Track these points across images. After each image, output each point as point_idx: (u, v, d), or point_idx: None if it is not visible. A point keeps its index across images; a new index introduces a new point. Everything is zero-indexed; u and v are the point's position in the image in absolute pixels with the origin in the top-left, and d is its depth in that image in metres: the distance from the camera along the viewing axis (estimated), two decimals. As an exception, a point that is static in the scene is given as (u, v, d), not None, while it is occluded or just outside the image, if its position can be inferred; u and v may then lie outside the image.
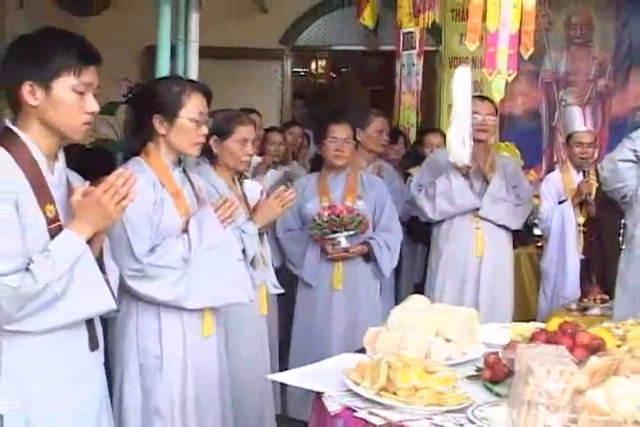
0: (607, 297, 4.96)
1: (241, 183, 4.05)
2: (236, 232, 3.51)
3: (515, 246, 5.67)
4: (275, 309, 4.59)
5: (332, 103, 10.10)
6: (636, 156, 4.25)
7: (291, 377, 2.73)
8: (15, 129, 2.40)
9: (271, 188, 4.78)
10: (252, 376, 3.83)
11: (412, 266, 5.73)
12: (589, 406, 1.97)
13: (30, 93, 2.37)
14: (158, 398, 3.08)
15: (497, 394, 2.36)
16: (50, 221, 2.37)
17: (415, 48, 6.88)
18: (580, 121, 5.92)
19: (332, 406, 2.32)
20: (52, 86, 2.37)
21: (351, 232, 4.59)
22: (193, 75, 4.93)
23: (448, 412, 2.22)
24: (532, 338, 2.55)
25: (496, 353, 2.50)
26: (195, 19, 4.98)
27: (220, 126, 3.79)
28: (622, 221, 4.55)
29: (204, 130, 3.21)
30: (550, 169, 7.20)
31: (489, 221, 4.90)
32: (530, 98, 8.06)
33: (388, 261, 4.77)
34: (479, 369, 2.55)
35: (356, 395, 2.33)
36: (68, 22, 7.52)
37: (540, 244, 6.12)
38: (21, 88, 2.37)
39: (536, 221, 6.03)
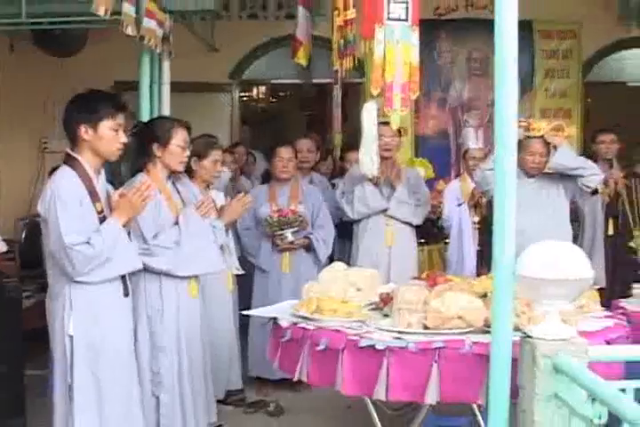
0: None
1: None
2: (209, 228, 4.85)
3: (428, 243, 6.97)
4: (236, 288, 5.79)
5: (273, 127, 11.36)
6: (500, 165, 5.61)
7: (256, 311, 4.13)
8: (75, 155, 3.77)
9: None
10: (224, 328, 5.27)
11: (342, 256, 6.60)
12: (433, 309, 3.38)
13: (84, 132, 3.74)
14: (162, 339, 4.40)
15: (385, 315, 3.74)
16: (99, 213, 3.75)
17: (337, 83, 7.79)
18: (473, 140, 7.24)
19: (284, 323, 3.70)
20: (99, 126, 3.75)
21: (295, 229, 5.92)
22: (166, 108, 6.25)
23: (354, 322, 3.60)
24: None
25: (387, 292, 3.88)
26: (166, 66, 6.27)
27: (199, 150, 5.13)
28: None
29: (187, 153, 4.59)
30: (458, 179, 8.36)
31: (396, 219, 6.12)
32: (439, 120, 9.18)
33: (324, 251, 6.06)
34: (377, 302, 3.91)
35: (298, 316, 3.71)
36: (50, 62, 8.75)
37: (447, 240, 7.04)
38: (79, 128, 3.73)
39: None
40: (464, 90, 9.39)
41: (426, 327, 3.41)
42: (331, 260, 6.42)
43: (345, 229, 6.49)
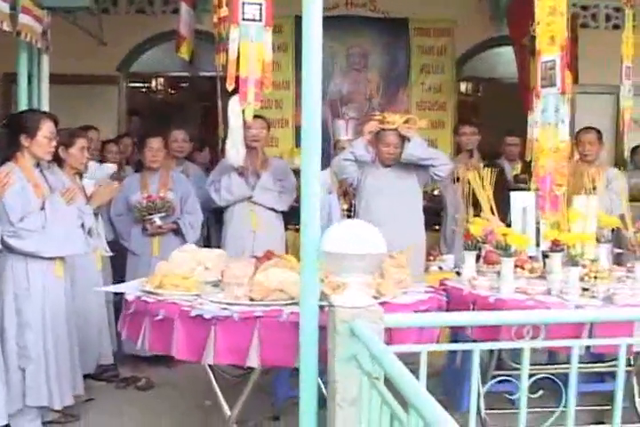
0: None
1: (81, 180, 5.76)
2: (77, 211, 5.20)
3: (299, 230, 7.37)
4: (109, 269, 6.23)
5: (168, 118, 11.64)
6: (354, 156, 6.07)
7: (110, 288, 4.52)
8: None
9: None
10: (92, 306, 5.65)
11: (217, 241, 7.05)
12: (257, 282, 3.79)
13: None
14: (28, 315, 4.77)
15: (223, 289, 4.14)
16: None
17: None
18: (343, 131, 7.68)
19: (130, 297, 4.07)
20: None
21: (163, 214, 6.31)
22: (45, 101, 6.54)
23: (191, 295, 3.99)
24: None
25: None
26: (45, 60, 6.55)
27: (65, 140, 5.45)
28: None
29: (54, 143, 4.94)
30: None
31: (260, 205, 6.53)
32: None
33: (191, 235, 6.42)
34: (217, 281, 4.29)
35: (144, 291, 4.09)
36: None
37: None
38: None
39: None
40: (343, 84, 9.79)
41: (253, 300, 3.81)
42: (208, 245, 6.87)
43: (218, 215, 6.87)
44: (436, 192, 8.17)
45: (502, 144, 8.15)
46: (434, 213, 7.66)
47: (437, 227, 7.79)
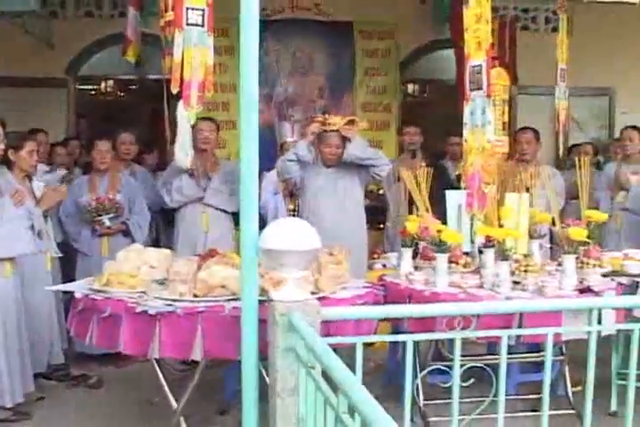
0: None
1: (30, 182, 5.85)
2: (27, 213, 5.31)
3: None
4: (59, 270, 6.29)
5: (117, 120, 11.69)
6: (297, 156, 6.23)
7: (59, 287, 4.66)
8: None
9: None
10: (42, 306, 5.72)
11: (169, 241, 7.13)
12: (200, 279, 3.95)
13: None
14: (-24, 316, 4.89)
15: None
16: None
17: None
18: (289, 133, 7.83)
19: (78, 295, 4.21)
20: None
21: (112, 215, 6.46)
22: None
23: (137, 293, 4.13)
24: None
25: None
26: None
27: (15, 143, 5.51)
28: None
29: (2, 146, 5.05)
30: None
31: (211, 206, 6.62)
32: (266, 115, 9.61)
33: (140, 235, 6.58)
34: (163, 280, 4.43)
35: (91, 289, 4.23)
36: None
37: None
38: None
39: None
40: (289, 86, 9.99)
41: (196, 296, 3.97)
42: (157, 245, 6.95)
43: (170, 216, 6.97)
44: (381, 191, 8.33)
45: (446, 144, 8.37)
46: (379, 213, 7.84)
47: (382, 226, 7.97)
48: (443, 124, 8.72)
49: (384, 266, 6.01)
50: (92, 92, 12.66)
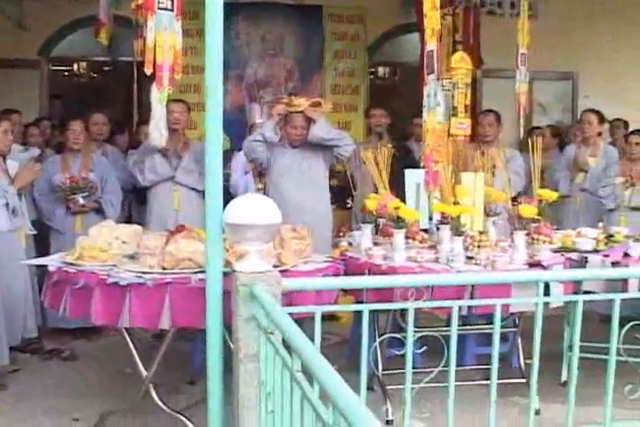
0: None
1: (5, 161, 6.03)
2: (1, 191, 5.50)
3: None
4: (33, 247, 6.49)
5: (91, 101, 11.80)
6: (263, 137, 6.41)
7: (34, 261, 4.85)
8: None
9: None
10: (17, 281, 5.90)
11: (141, 219, 7.22)
12: (168, 252, 4.16)
13: None
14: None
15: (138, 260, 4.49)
16: None
17: (137, 62, 8.27)
18: (258, 115, 8.00)
19: (52, 268, 4.41)
20: None
21: (85, 193, 6.64)
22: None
23: (108, 266, 4.34)
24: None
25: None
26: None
27: (-13, 123, 5.73)
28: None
29: (-23, 127, 5.23)
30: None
31: (182, 185, 6.80)
32: (237, 96, 9.82)
33: (112, 213, 6.76)
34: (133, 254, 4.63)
35: (65, 262, 4.43)
36: None
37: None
38: None
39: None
40: (259, 69, 10.13)
41: (165, 269, 4.18)
42: (129, 223, 7.13)
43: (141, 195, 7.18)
44: (348, 172, 8.53)
45: (411, 126, 8.59)
46: (346, 192, 8.05)
47: (349, 205, 8.19)
48: (411, 107, 8.91)
49: (350, 244, 6.21)
50: (65, 74, 12.75)
